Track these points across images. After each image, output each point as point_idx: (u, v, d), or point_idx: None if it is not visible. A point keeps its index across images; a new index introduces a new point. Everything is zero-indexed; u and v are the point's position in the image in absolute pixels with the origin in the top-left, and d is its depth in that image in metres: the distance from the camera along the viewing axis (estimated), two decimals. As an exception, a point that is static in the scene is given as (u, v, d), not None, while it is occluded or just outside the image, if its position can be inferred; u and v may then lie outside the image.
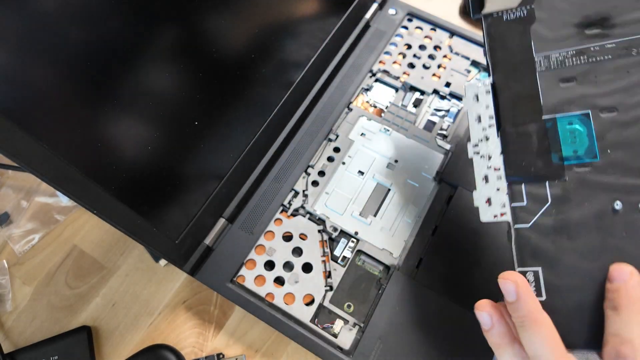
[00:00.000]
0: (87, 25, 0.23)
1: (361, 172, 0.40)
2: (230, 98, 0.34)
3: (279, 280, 0.35)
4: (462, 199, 0.37)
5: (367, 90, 0.45)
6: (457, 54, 0.46)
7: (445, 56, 0.46)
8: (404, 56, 0.46)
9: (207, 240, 0.35)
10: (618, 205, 0.22)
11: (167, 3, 0.27)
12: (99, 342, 0.37)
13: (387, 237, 0.37)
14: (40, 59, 0.22)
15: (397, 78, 0.45)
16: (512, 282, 0.21)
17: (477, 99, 0.25)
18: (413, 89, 0.44)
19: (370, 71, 0.45)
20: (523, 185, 0.24)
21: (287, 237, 0.37)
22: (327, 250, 0.36)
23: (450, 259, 0.35)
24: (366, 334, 0.33)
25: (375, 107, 0.44)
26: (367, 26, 0.47)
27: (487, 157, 0.25)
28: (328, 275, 0.35)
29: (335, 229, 0.37)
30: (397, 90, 0.44)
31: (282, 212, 0.38)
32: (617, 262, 0.21)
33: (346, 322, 0.34)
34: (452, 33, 0.47)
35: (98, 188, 0.26)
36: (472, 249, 0.35)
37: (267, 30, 0.36)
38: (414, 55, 0.46)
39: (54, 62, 0.22)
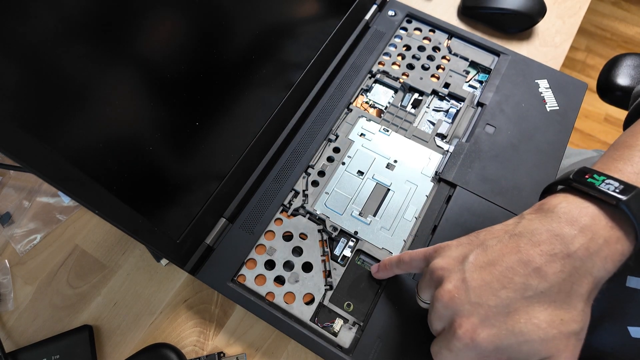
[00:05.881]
0: (86, 23, 0.23)
1: (361, 172, 0.40)
2: (230, 98, 0.34)
3: (279, 280, 0.35)
4: (461, 199, 0.38)
5: (367, 90, 0.45)
6: (455, 55, 0.46)
7: (444, 57, 0.46)
8: (403, 57, 0.46)
9: (208, 240, 0.36)
10: None
11: (168, 3, 0.27)
12: (101, 341, 0.37)
13: (387, 236, 0.37)
14: (39, 58, 0.22)
15: (396, 79, 0.45)
16: None
17: None
18: (412, 89, 0.45)
19: (370, 72, 0.45)
20: None
21: (287, 237, 0.37)
22: (327, 249, 0.36)
23: (449, 258, 0.35)
24: (366, 332, 0.33)
25: (374, 107, 0.44)
26: (366, 27, 0.47)
27: None
28: (328, 274, 0.35)
29: (335, 229, 0.37)
30: (396, 91, 0.45)
31: (282, 212, 0.38)
32: None
33: (346, 321, 0.34)
34: (451, 34, 0.47)
35: (99, 188, 0.26)
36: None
37: (268, 31, 0.36)
38: (413, 56, 0.46)
39: (54, 62, 0.23)
